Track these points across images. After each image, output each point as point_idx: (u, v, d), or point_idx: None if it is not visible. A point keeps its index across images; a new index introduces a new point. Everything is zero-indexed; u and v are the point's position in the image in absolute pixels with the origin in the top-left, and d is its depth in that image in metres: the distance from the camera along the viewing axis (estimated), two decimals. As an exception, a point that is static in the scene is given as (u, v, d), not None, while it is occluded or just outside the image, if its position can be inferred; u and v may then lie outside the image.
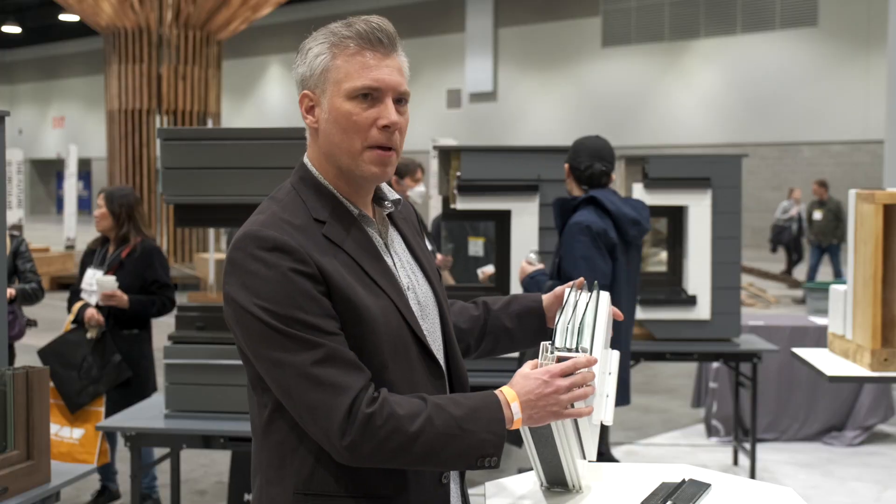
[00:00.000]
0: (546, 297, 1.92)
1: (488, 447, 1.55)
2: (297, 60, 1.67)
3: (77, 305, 4.62)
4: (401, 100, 1.64)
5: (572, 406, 1.61)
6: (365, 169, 1.62)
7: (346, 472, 1.60)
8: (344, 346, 1.55)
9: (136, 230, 4.68)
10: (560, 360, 1.64)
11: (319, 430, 1.53)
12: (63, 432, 4.57)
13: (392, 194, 1.76)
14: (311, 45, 1.64)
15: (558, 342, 1.68)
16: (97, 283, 4.52)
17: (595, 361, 1.63)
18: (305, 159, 1.70)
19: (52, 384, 4.56)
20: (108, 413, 4.51)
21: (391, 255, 1.70)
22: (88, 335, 4.56)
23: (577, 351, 1.66)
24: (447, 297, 1.85)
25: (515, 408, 1.58)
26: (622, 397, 3.84)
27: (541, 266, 3.90)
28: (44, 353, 4.57)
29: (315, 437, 1.56)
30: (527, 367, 1.64)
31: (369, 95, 1.60)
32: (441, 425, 1.53)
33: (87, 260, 4.74)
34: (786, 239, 16.23)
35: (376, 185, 1.72)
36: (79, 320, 4.60)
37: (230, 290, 1.58)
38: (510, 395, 1.59)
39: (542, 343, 1.68)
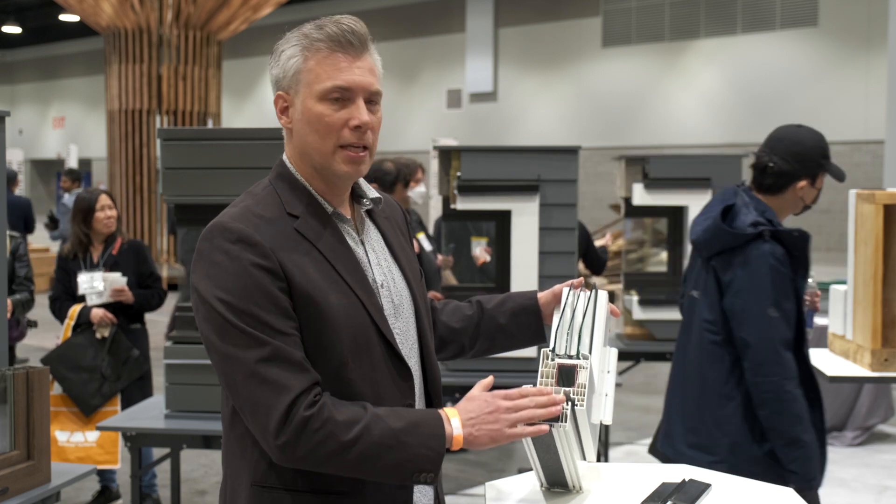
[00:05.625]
0: (542, 295, 1.92)
1: (425, 462, 1.55)
2: (271, 62, 1.70)
3: (75, 309, 4.63)
4: (372, 100, 1.66)
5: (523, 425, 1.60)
6: (337, 168, 1.65)
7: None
8: (294, 346, 1.56)
9: (120, 228, 4.84)
10: (561, 367, 1.65)
11: (257, 427, 1.55)
12: (76, 437, 4.57)
13: (371, 192, 1.77)
14: (283, 48, 1.68)
15: (559, 349, 1.68)
16: (106, 281, 4.58)
17: (549, 393, 1.62)
18: (284, 157, 1.73)
19: (61, 391, 4.56)
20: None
21: (365, 252, 1.72)
22: (99, 335, 4.59)
23: (577, 357, 1.66)
24: (427, 300, 1.85)
25: (456, 423, 1.59)
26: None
27: None
28: (49, 359, 4.55)
29: (254, 433, 1.57)
30: (475, 389, 1.65)
31: (340, 97, 1.63)
32: (378, 435, 1.53)
33: (73, 266, 4.74)
34: None
35: (353, 183, 1.74)
36: (80, 323, 4.62)
37: (195, 278, 1.61)
38: (451, 412, 1.61)
39: (542, 350, 1.68)
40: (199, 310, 1.60)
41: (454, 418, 1.59)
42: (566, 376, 1.64)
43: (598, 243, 5.68)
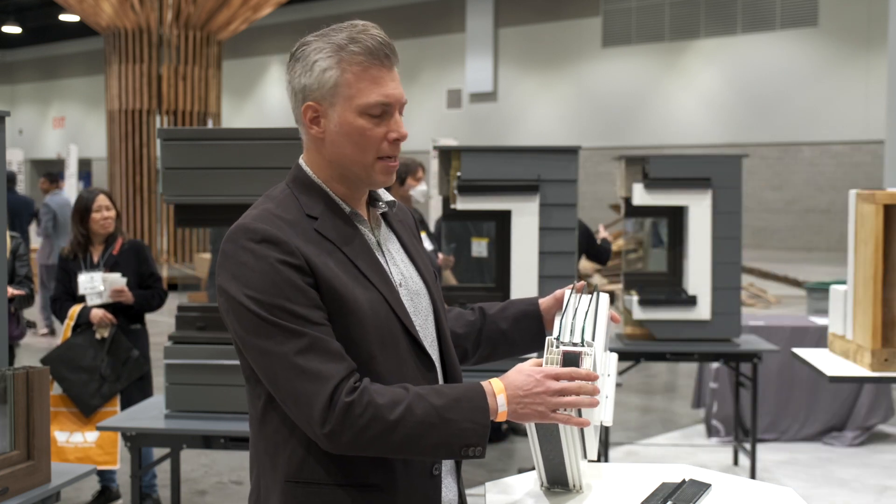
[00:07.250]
0: (544, 301, 1.93)
1: (471, 436, 1.57)
2: (295, 69, 1.69)
3: (75, 309, 4.63)
4: (401, 109, 1.71)
5: (562, 411, 1.61)
6: (376, 178, 1.69)
7: (336, 461, 1.63)
8: (329, 336, 1.59)
9: (120, 228, 4.83)
10: (566, 354, 1.65)
11: (302, 417, 1.57)
12: (75, 438, 4.56)
13: (386, 196, 1.81)
14: (315, 58, 1.66)
15: (563, 336, 1.69)
16: (105, 282, 4.58)
17: (596, 378, 1.63)
18: (301, 161, 1.76)
19: (60, 392, 4.56)
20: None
21: (383, 252, 1.75)
22: (98, 335, 4.59)
23: (583, 345, 1.66)
24: (443, 300, 1.86)
25: (501, 400, 1.61)
26: None
27: None
28: (49, 359, 4.54)
29: (299, 424, 1.60)
30: (528, 363, 1.65)
31: (382, 112, 1.66)
32: (421, 414, 1.56)
33: (73, 266, 4.74)
34: None
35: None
36: (80, 323, 4.62)
37: (222, 280, 1.63)
38: (498, 386, 1.62)
39: (547, 338, 1.69)
40: (230, 311, 1.62)
41: (500, 395, 1.60)
42: (571, 363, 1.64)
43: (598, 236, 5.71)
